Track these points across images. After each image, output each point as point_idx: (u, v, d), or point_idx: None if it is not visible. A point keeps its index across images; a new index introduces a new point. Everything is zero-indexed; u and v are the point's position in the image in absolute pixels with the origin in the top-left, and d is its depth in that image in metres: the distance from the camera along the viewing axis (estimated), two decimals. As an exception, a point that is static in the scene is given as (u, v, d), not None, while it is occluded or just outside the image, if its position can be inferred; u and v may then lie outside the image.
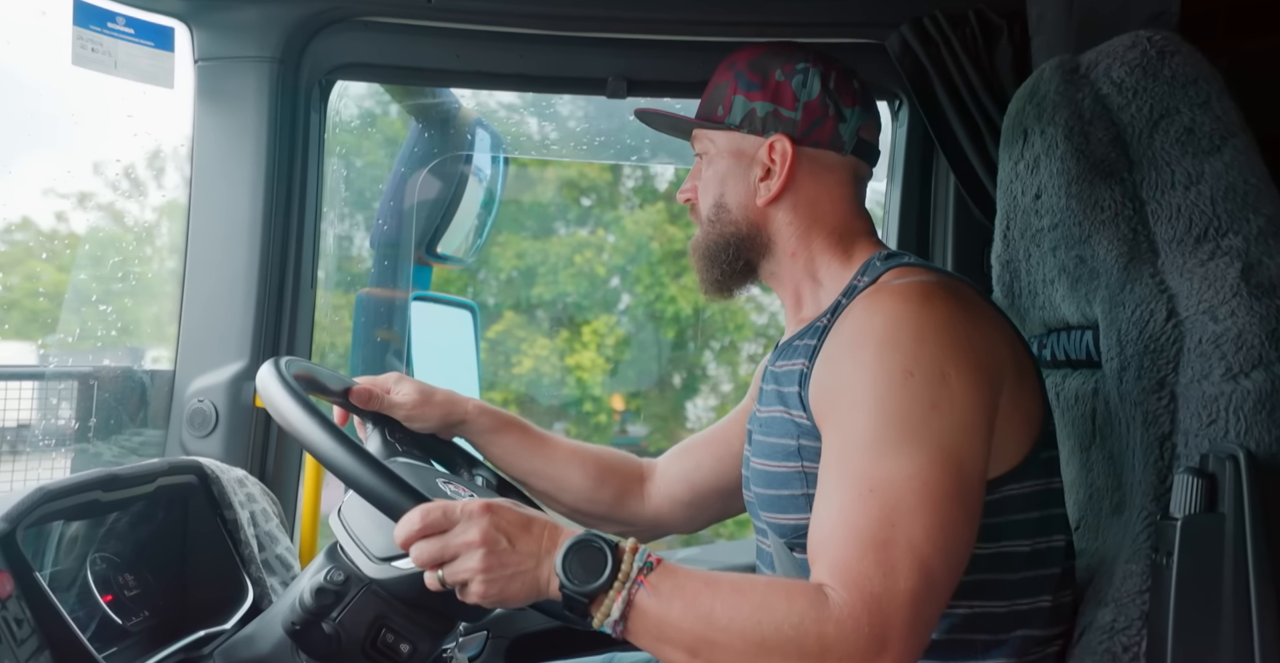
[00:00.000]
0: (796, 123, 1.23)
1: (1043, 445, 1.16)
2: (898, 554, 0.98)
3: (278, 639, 1.22)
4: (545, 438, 1.48)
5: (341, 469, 1.11)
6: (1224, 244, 1.16)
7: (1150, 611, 1.09)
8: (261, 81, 1.69)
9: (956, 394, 1.05)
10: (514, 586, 1.03)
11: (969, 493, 1.04)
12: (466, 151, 2.17)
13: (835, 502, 1.03)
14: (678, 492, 1.49)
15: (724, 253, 1.27)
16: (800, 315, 1.27)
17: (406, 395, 1.38)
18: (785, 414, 1.19)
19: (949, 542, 1.00)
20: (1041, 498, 1.15)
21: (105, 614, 1.30)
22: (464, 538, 1.03)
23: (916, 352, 1.06)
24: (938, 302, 1.09)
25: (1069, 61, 1.33)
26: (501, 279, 10.63)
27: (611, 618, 1.00)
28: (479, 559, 1.02)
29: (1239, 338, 1.10)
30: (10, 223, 1.88)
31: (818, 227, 1.25)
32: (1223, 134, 1.21)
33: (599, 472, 1.47)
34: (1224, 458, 1.04)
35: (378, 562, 1.18)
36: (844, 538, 1.00)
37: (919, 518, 0.99)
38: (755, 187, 1.25)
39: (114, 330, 1.84)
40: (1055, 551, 1.17)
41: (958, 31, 1.71)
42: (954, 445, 1.03)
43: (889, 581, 0.96)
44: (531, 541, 1.04)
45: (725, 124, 1.26)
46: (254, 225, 1.69)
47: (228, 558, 1.46)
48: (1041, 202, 1.34)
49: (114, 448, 1.71)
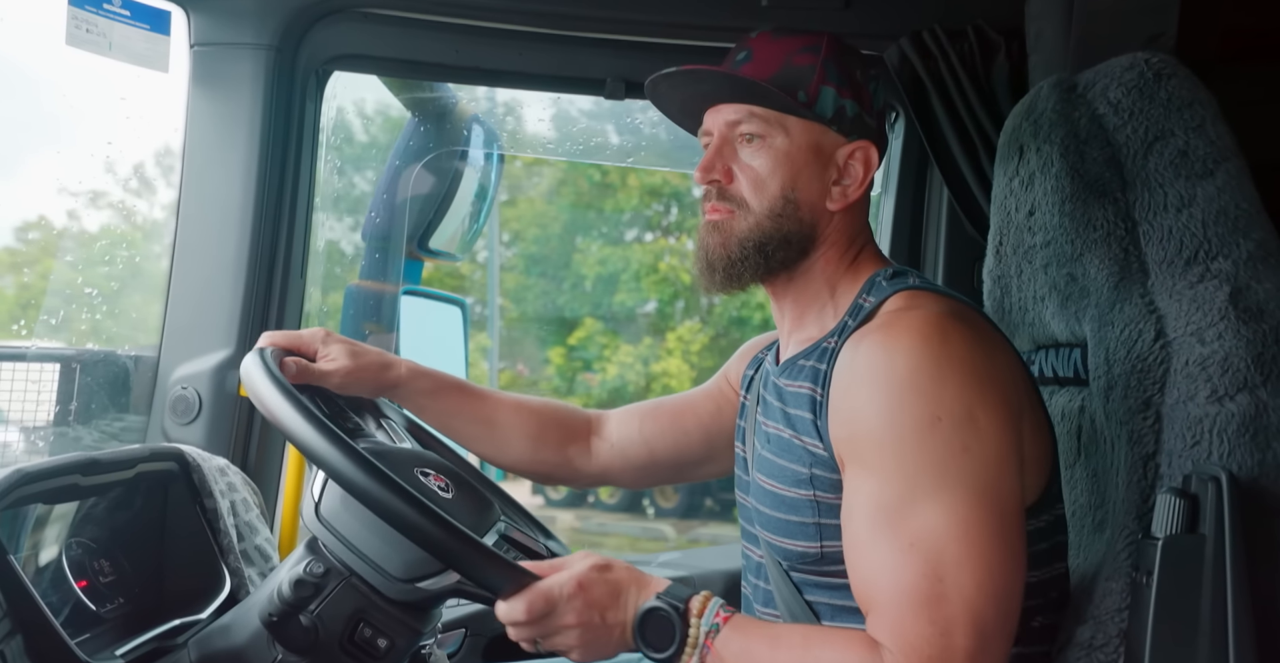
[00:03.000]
0: (875, 131, 1.21)
1: (1054, 474, 1.16)
2: (951, 611, 0.98)
3: (254, 630, 1.21)
4: (485, 396, 1.45)
5: (341, 474, 1.09)
6: (1214, 267, 1.17)
7: (1129, 629, 1.09)
8: (257, 69, 1.68)
9: (986, 433, 1.04)
10: (606, 649, 1.10)
11: (1011, 531, 1.03)
12: (462, 147, 2.17)
13: (877, 557, 1.03)
14: (634, 453, 1.47)
15: (768, 246, 1.18)
16: (804, 333, 1.22)
17: (336, 361, 1.32)
18: (795, 439, 1.16)
19: (999, 587, 1.00)
20: (1050, 528, 1.15)
21: (79, 600, 1.29)
22: (562, 622, 1.09)
23: (941, 395, 1.04)
24: (954, 337, 1.07)
25: (1067, 80, 1.34)
26: (584, 286, 10.60)
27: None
28: (575, 638, 1.09)
29: (1225, 361, 1.11)
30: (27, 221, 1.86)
31: (859, 237, 1.23)
32: (1216, 158, 1.22)
33: (541, 429, 1.45)
34: (1207, 479, 1.05)
35: (400, 583, 1.17)
36: (893, 597, 1.00)
37: (965, 568, 0.99)
38: (828, 188, 1.19)
39: (98, 314, 1.82)
40: (1059, 577, 1.17)
41: (956, 47, 1.72)
42: (989, 485, 1.02)
43: (945, 640, 0.97)
44: (619, 611, 1.09)
45: (815, 113, 1.17)
46: (245, 213, 1.68)
47: (206, 547, 1.44)
48: (1035, 218, 1.35)
49: (94, 433, 1.69)
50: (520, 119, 2.22)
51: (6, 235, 1.84)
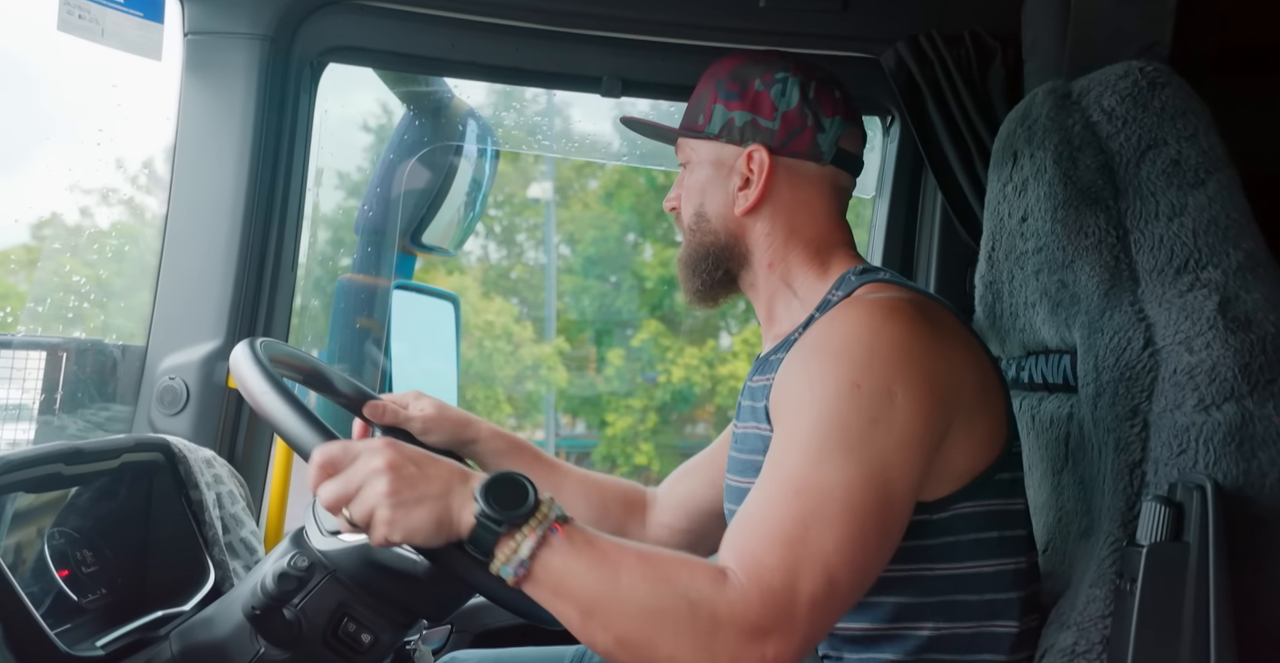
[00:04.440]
0: (774, 133, 1.23)
1: (1002, 466, 1.16)
2: (804, 556, 0.97)
3: (237, 623, 1.20)
4: (554, 465, 1.50)
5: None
6: (1203, 276, 1.18)
7: (1111, 635, 1.10)
8: (252, 59, 1.67)
9: (899, 413, 1.04)
10: (420, 512, 0.97)
11: (890, 514, 1.03)
12: (457, 142, 2.16)
13: (761, 495, 1.03)
14: (674, 520, 1.49)
15: (703, 262, 1.27)
16: (775, 330, 1.27)
17: (424, 411, 1.40)
18: (756, 429, 1.19)
19: (857, 557, 1.00)
20: (1000, 518, 1.15)
21: (60, 590, 1.28)
22: (368, 466, 0.98)
23: (867, 365, 1.06)
24: (900, 318, 1.09)
25: (1061, 87, 1.35)
26: (644, 288, 10.56)
27: (519, 557, 0.96)
28: (385, 483, 0.97)
29: (1213, 370, 1.12)
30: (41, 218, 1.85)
31: (796, 238, 1.25)
32: (1208, 168, 1.22)
33: (603, 501, 1.48)
34: (1192, 488, 1.05)
35: (326, 535, 1.18)
36: (758, 530, 1.00)
37: (833, 528, 0.99)
38: (734, 196, 1.25)
39: (86, 303, 1.81)
40: (1018, 573, 1.17)
41: (952, 51, 1.72)
42: (885, 464, 1.03)
43: (789, 578, 0.97)
44: (441, 468, 1.00)
45: (705, 133, 1.26)
46: (236, 204, 1.67)
47: (190, 539, 1.44)
48: (1027, 225, 1.36)
49: (80, 422, 1.68)
50: (569, 120, 2.22)
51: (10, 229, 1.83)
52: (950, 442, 1.10)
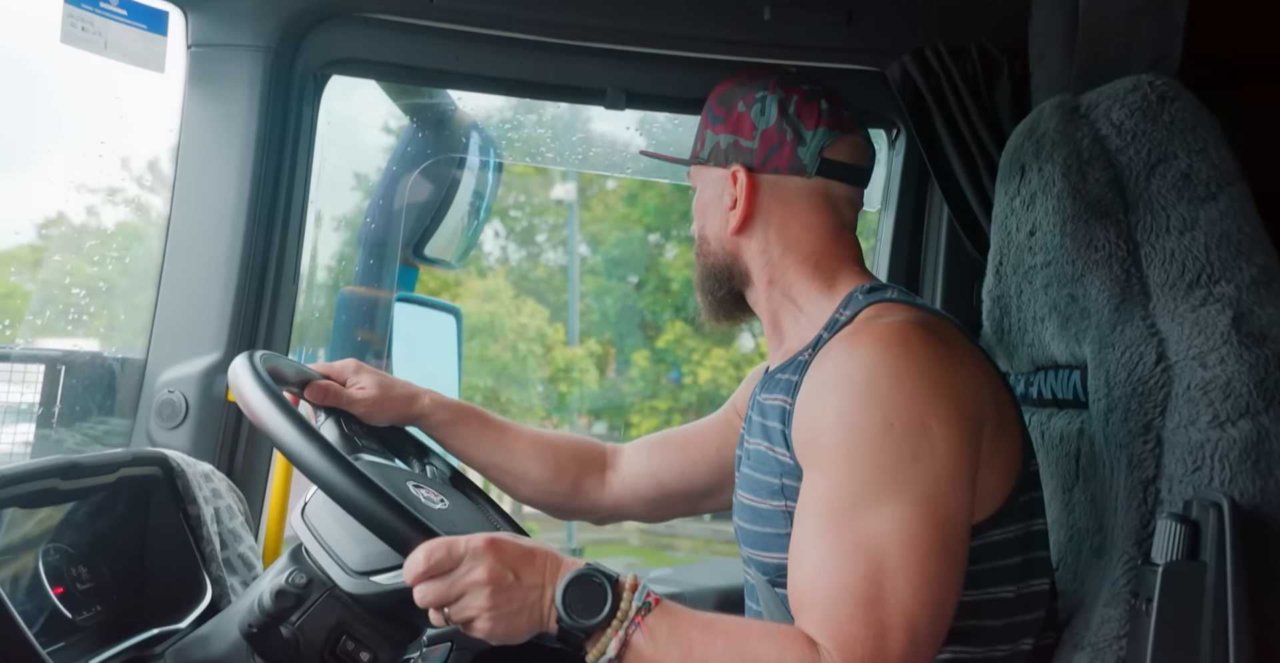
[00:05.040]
0: (754, 151, 1.24)
1: (1023, 487, 1.15)
2: (886, 614, 0.98)
3: (233, 642, 1.19)
4: (504, 428, 1.48)
5: (320, 475, 1.07)
6: (1216, 291, 1.16)
7: (1127, 656, 1.08)
8: (255, 71, 1.66)
9: (938, 443, 1.04)
10: (519, 621, 1.03)
11: (954, 543, 1.03)
12: (460, 154, 2.15)
13: (820, 556, 1.03)
14: (643, 486, 1.48)
15: (709, 282, 1.30)
16: (783, 347, 1.26)
17: (365, 391, 1.37)
18: (769, 450, 1.18)
19: (934, 596, 1.00)
20: (1024, 542, 1.14)
21: (55, 607, 1.26)
22: (470, 578, 1.02)
23: (895, 401, 1.05)
24: (916, 345, 1.08)
25: (1070, 101, 1.34)
26: (671, 289, 10.54)
27: (606, 657, 1.01)
28: (486, 598, 1.02)
29: (1227, 386, 1.10)
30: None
31: (791, 253, 1.24)
32: (1219, 182, 1.21)
33: (557, 461, 1.47)
34: (1208, 506, 1.03)
35: (355, 576, 1.15)
36: (832, 596, 1.00)
37: (904, 576, 1.00)
38: (726, 217, 1.26)
39: (85, 315, 1.80)
40: (1039, 594, 1.16)
41: (959, 64, 1.72)
42: (937, 496, 1.03)
43: (879, 643, 0.97)
44: (535, 573, 1.03)
45: (699, 160, 1.30)
46: (238, 216, 1.66)
47: (188, 555, 1.42)
48: (1036, 238, 1.34)
49: (77, 435, 1.67)
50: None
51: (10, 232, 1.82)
52: (982, 466, 1.09)
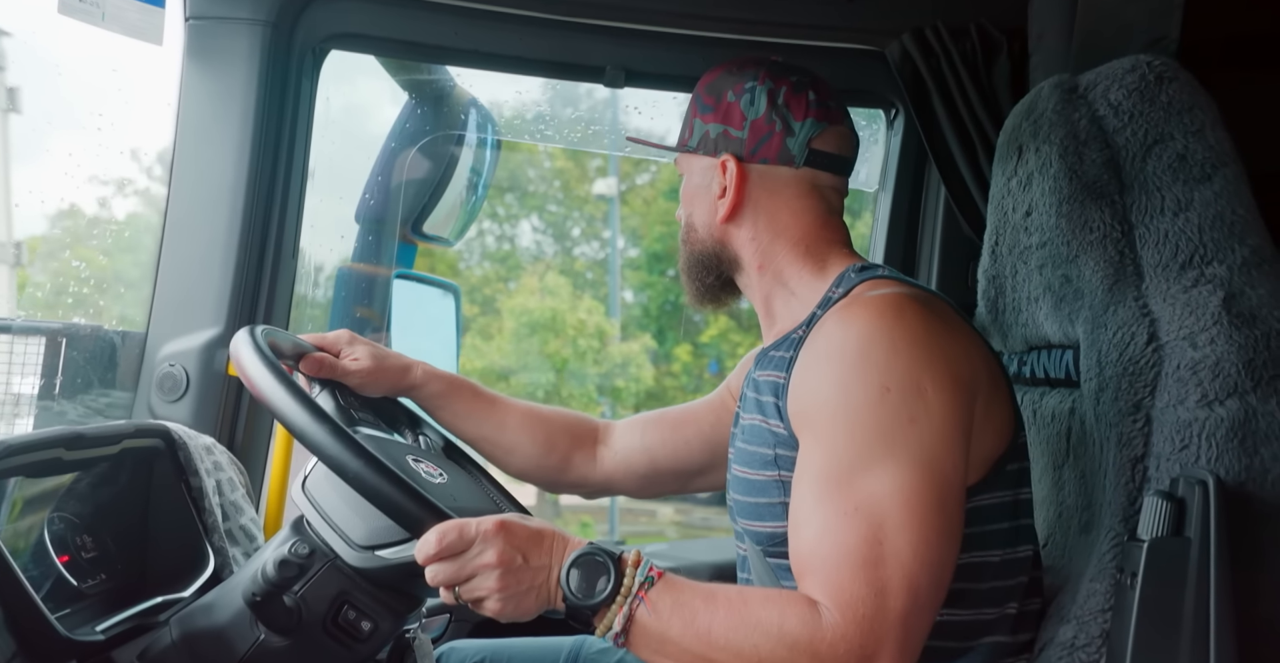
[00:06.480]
0: (743, 141, 1.26)
1: (1012, 457, 1.17)
2: (887, 574, 1.00)
3: (237, 610, 1.20)
4: (496, 401, 1.49)
5: (329, 454, 1.09)
6: (1208, 272, 1.17)
7: (1111, 630, 1.10)
8: (253, 45, 1.66)
9: (934, 406, 1.06)
10: (528, 600, 1.06)
11: (951, 504, 1.05)
12: (459, 131, 2.15)
13: (820, 520, 1.04)
14: (636, 462, 1.50)
15: (696, 269, 1.32)
16: (776, 327, 1.28)
17: (359, 363, 1.38)
18: (763, 423, 1.20)
19: (934, 556, 1.02)
20: (1011, 508, 1.17)
21: (60, 575, 1.28)
22: (481, 561, 1.05)
23: (891, 366, 1.07)
24: (910, 314, 1.11)
25: (1068, 81, 1.34)
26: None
27: (613, 631, 1.03)
28: (496, 579, 1.05)
29: (1216, 366, 1.12)
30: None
31: (781, 239, 1.26)
32: (1214, 163, 1.22)
33: (549, 435, 1.49)
34: (1194, 483, 1.05)
35: (359, 549, 1.16)
36: (833, 558, 1.02)
37: (904, 534, 1.02)
38: (715, 205, 1.27)
39: (86, 288, 1.81)
40: (1023, 561, 1.18)
41: (958, 44, 1.72)
42: (934, 457, 1.05)
43: (880, 601, 0.99)
44: (543, 554, 1.06)
45: (687, 148, 1.30)
46: (237, 190, 1.66)
47: (190, 525, 1.44)
48: (1032, 219, 1.35)
49: (79, 408, 1.68)
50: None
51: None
52: (974, 428, 1.11)
